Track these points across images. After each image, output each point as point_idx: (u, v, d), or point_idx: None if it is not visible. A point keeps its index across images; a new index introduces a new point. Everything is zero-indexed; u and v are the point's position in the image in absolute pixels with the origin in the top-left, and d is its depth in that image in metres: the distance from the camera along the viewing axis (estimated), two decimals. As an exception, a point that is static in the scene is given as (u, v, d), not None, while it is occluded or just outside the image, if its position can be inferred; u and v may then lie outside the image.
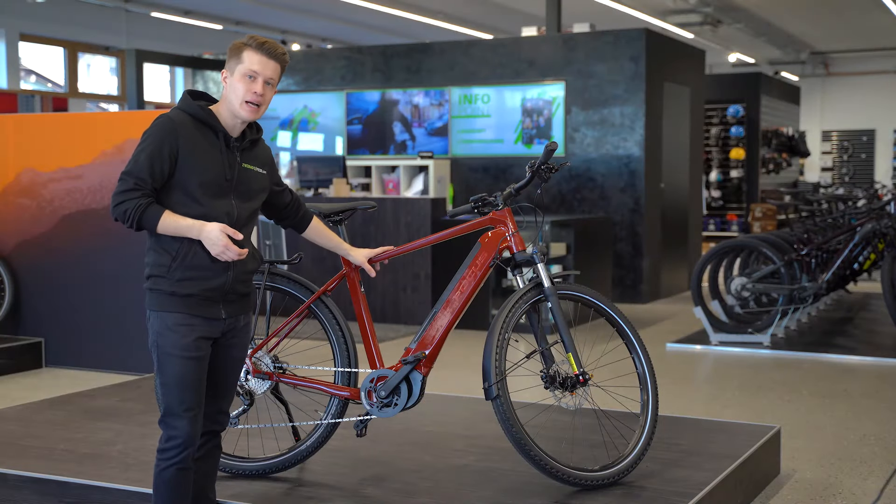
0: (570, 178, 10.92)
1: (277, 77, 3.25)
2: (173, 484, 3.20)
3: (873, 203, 10.57)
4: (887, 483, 4.58)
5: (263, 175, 3.38)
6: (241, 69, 3.19)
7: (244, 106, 3.19)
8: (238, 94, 3.19)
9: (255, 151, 3.36)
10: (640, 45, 10.61)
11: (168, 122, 3.17)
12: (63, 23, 15.69)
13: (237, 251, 3.11)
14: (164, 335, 3.17)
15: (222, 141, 3.23)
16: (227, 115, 3.24)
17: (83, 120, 7.83)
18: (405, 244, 3.95)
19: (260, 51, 3.20)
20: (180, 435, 3.16)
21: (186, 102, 3.24)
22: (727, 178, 16.99)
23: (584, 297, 3.89)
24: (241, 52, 3.21)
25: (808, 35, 20.36)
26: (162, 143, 3.12)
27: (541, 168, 3.82)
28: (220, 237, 3.08)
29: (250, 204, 3.30)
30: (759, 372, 7.10)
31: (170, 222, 3.10)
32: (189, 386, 3.17)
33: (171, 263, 3.16)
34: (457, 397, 5.49)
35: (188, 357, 3.17)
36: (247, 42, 3.23)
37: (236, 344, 3.36)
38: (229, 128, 3.24)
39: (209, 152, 3.19)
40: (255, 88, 3.19)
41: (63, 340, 7.22)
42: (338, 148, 12.20)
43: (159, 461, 3.21)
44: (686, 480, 3.86)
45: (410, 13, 16.59)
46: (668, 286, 11.42)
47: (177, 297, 3.17)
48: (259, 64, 3.19)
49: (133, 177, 3.10)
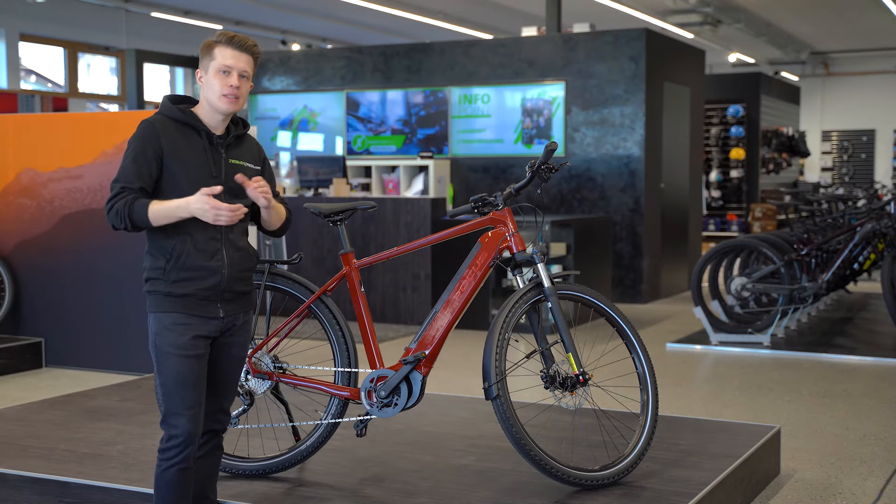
0: (570, 178, 10.92)
1: (251, 69, 3.29)
2: (174, 484, 3.21)
3: (873, 203, 10.57)
4: (887, 483, 4.58)
5: (256, 171, 3.39)
6: (215, 65, 3.24)
7: (222, 99, 3.23)
8: (215, 90, 3.23)
9: (243, 147, 3.39)
10: (640, 45, 10.62)
11: (149, 125, 3.23)
12: (63, 23, 15.69)
13: (229, 209, 3.11)
14: (161, 335, 3.20)
15: (205, 139, 3.27)
16: (208, 114, 3.28)
17: (83, 120, 7.83)
18: (405, 244, 3.95)
19: (231, 45, 3.25)
20: (181, 434, 3.17)
21: (165, 106, 3.30)
22: (727, 178, 17.00)
23: (584, 297, 3.89)
24: (213, 49, 3.26)
25: (808, 35, 20.35)
26: (145, 147, 3.18)
27: (541, 168, 3.83)
28: (206, 202, 3.09)
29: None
30: (759, 372, 7.10)
31: (159, 209, 3.12)
32: (188, 385, 3.18)
33: (166, 265, 3.19)
34: (457, 397, 5.49)
35: (186, 356, 3.18)
36: (216, 39, 3.28)
37: (236, 343, 3.36)
38: (212, 126, 3.29)
39: (193, 151, 3.24)
40: (231, 82, 3.23)
41: (63, 340, 7.22)
42: (338, 148, 12.20)
43: (161, 461, 3.21)
44: (686, 480, 3.86)
45: (410, 13, 16.58)
46: (668, 286, 11.42)
47: (173, 297, 3.19)
48: (232, 58, 3.24)
49: (120, 183, 3.16)
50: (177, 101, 3.34)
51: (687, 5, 15.91)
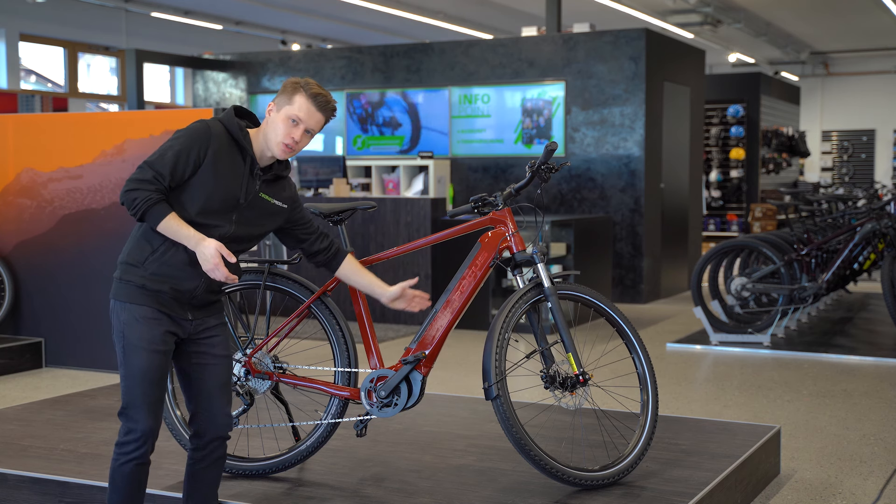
0: (570, 178, 10.93)
1: (319, 129, 3.30)
2: (131, 479, 3.17)
3: (873, 203, 10.57)
4: (887, 483, 4.58)
5: (282, 209, 3.40)
6: (288, 111, 3.23)
7: (279, 146, 3.23)
8: (277, 133, 3.22)
9: (278, 186, 3.40)
10: (640, 45, 10.62)
11: (205, 128, 3.20)
12: (63, 23, 15.69)
13: (226, 273, 3.11)
14: (131, 326, 3.15)
15: (248, 164, 3.26)
16: (260, 144, 3.28)
17: (83, 120, 7.82)
18: (405, 244, 3.95)
19: (312, 100, 3.24)
20: (140, 429, 3.13)
21: (229, 117, 3.28)
22: (727, 178, 17.00)
23: (584, 297, 3.89)
24: (294, 94, 3.24)
25: (808, 35, 20.35)
26: (192, 147, 3.15)
27: (541, 168, 3.83)
28: (214, 255, 3.09)
29: (249, 230, 3.31)
30: (759, 372, 7.10)
31: (172, 225, 3.11)
32: (153, 380, 3.15)
33: (150, 256, 3.17)
34: (457, 397, 5.48)
35: (154, 350, 3.16)
36: (303, 85, 3.25)
37: (217, 342, 3.35)
38: (259, 156, 3.28)
39: (233, 171, 3.22)
40: (295, 135, 3.23)
41: (63, 340, 7.22)
42: (338, 148, 12.20)
43: (118, 455, 3.17)
44: (686, 480, 3.86)
45: (410, 13, 16.58)
46: (668, 286, 11.42)
47: (146, 290, 3.17)
48: (306, 113, 3.23)
49: (154, 169, 3.11)
50: (241, 115, 3.33)
51: (687, 5, 15.91)
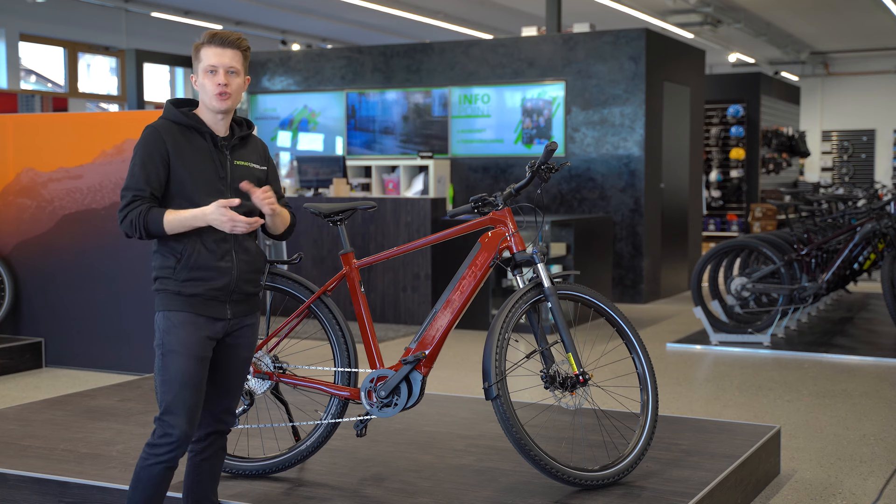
0: (570, 178, 10.92)
1: (240, 64, 3.29)
2: (157, 480, 3.20)
3: (873, 203, 10.57)
4: (887, 483, 4.58)
5: (262, 170, 3.41)
6: (202, 67, 3.27)
7: (214, 98, 3.25)
8: (207, 90, 3.25)
9: (248, 148, 3.40)
10: (640, 45, 10.61)
11: (153, 131, 3.24)
12: (63, 23, 15.69)
13: (245, 220, 3.13)
14: (170, 333, 3.20)
15: (210, 141, 3.28)
16: (208, 116, 3.30)
17: (83, 120, 7.82)
18: (405, 244, 3.95)
19: (213, 43, 3.27)
20: (177, 434, 3.17)
21: (169, 110, 3.31)
22: (727, 178, 17.00)
23: (584, 297, 3.89)
24: (199, 51, 3.29)
25: (808, 35, 20.35)
26: (152, 152, 3.20)
27: (541, 168, 3.83)
28: (221, 213, 3.11)
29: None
30: (759, 372, 7.10)
31: (174, 219, 3.15)
32: (191, 385, 3.19)
33: (177, 265, 3.21)
34: (457, 397, 5.48)
35: (193, 356, 3.19)
36: (201, 40, 3.30)
37: (243, 343, 3.37)
38: (214, 128, 3.30)
39: (198, 154, 3.25)
40: (218, 80, 3.24)
41: (63, 340, 7.22)
42: (338, 148, 12.20)
43: (148, 455, 3.19)
44: (686, 480, 3.86)
45: (410, 13, 16.58)
46: (668, 286, 11.42)
47: (182, 296, 3.21)
48: (216, 56, 3.26)
49: (131, 190, 3.18)
50: (179, 105, 3.35)
51: (687, 5, 15.91)
